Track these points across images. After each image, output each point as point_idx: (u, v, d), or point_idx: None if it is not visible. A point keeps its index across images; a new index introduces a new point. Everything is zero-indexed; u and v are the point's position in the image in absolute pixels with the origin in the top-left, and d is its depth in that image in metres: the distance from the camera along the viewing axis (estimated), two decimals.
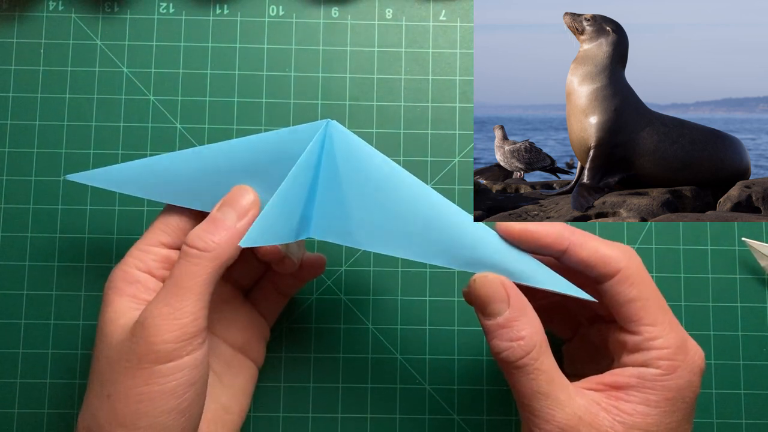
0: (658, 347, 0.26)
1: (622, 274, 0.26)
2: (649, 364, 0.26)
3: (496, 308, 0.26)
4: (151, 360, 0.25)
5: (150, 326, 0.26)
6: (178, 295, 0.26)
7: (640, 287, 0.26)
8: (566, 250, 0.27)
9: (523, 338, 0.26)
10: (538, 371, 0.25)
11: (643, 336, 0.26)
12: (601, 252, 0.27)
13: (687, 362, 0.26)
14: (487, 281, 0.26)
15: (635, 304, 0.26)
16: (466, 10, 0.41)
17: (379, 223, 0.28)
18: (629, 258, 0.27)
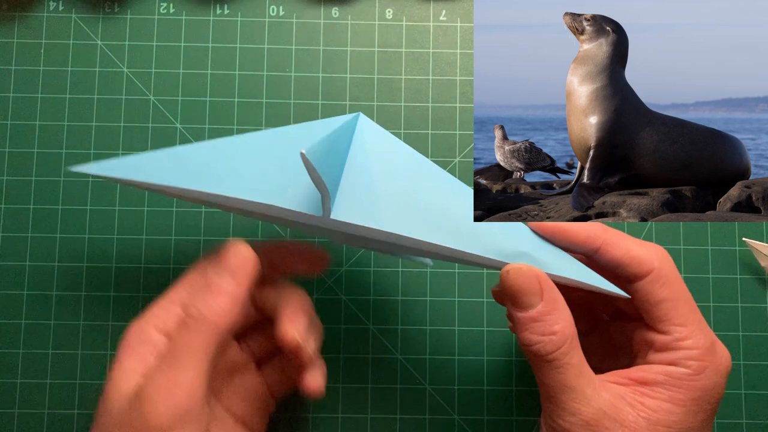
0: (688, 347, 0.26)
1: (654, 275, 0.26)
2: (678, 363, 0.26)
3: (530, 300, 0.26)
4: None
5: (146, 398, 0.24)
6: (174, 366, 0.25)
7: (671, 288, 0.26)
8: (599, 248, 0.27)
9: (556, 333, 0.25)
10: (568, 365, 0.25)
11: (672, 336, 0.26)
12: (633, 252, 0.27)
13: (715, 363, 0.26)
14: (522, 272, 0.26)
15: (666, 304, 0.26)
16: (466, 10, 0.41)
17: (408, 209, 0.26)
18: (662, 258, 0.27)
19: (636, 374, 0.27)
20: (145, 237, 0.38)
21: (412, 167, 0.27)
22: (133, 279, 0.38)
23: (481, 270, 0.38)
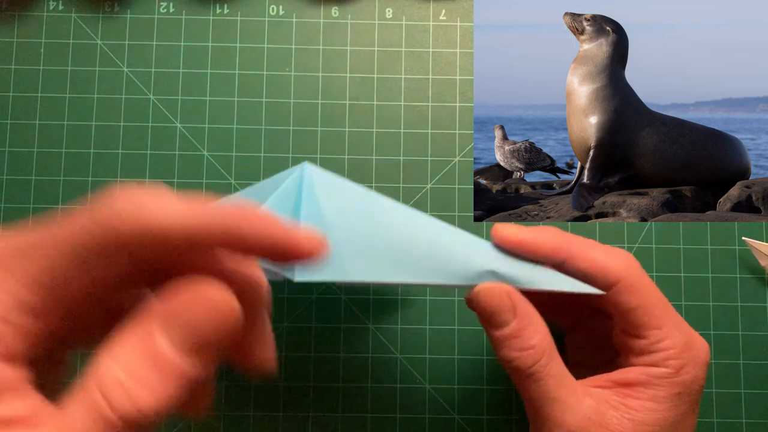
0: (666, 348, 0.26)
1: (622, 284, 0.27)
2: (658, 364, 0.26)
3: (503, 318, 0.26)
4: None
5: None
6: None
7: (641, 294, 0.27)
8: (564, 260, 0.27)
9: (534, 346, 0.26)
10: (548, 377, 0.26)
11: (649, 339, 0.27)
12: (599, 262, 0.27)
13: (693, 357, 0.27)
14: (492, 292, 0.26)
15: (639, 311, 0.27)
16: (466, 10, 0.41)
17: (370, 252, 0.26)
18: (628, 266, 0.27)
19: (618, 377, 0.27)
20: None
21: (366, 208, 0.27)
22: None
23: None
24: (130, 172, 0.38)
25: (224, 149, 0.39)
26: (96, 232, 0.16)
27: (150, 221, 0.16)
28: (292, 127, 0.39)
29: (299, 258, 0.18)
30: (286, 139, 0.39)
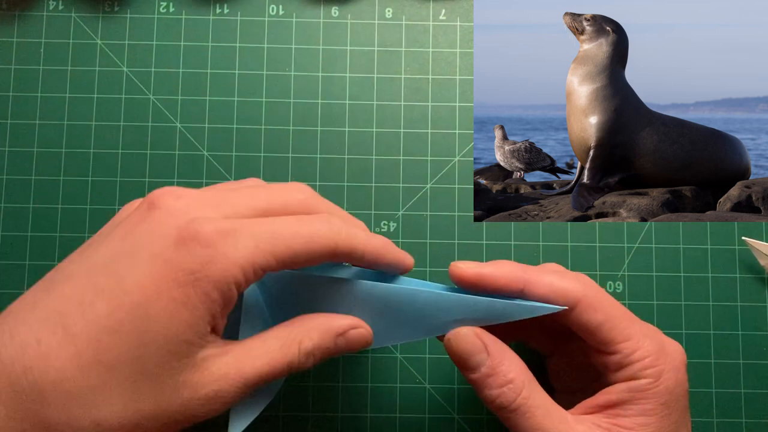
0: (640, 358, 0.26)
1: (582, 303, 0.27)
2: (637, 376, 0.26)
3: (477, 360, 0.27)
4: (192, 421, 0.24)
5: (223, 401, 0.24)
6: (251, 388, 0.24)
7: (604, 310, 0.27)
8: (522, 289, 0.27)
9: (512, 380, 0.26)
10: (534, 408, 0.26)
11: (622, 353, 0.26)
12: (556, 286, 0.27)
13: (669, 362, 0.26)
14: (461, 336, 0.27)
15: (605, 326, 0.27)
16: (466, 10, 0.41)
17: (383, 327, 0.28)
18: (585, 285, 0.27)
19: (602, 399, 0.27)
20: None
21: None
22: None
23: None
24: (130, 172, 0.39)
25: (224, 149, 0.39)
26: (323, 242, 0.24)
27: (355, 244, 0.25)
28: (292, 127, 0.39)
29: (407, 270, 0.29)
30: (286, 139, 0.39)
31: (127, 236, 0.23)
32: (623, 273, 0.38)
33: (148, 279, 0.22)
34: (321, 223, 0.25)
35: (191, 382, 0.23)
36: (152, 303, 0.22)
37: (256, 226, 0.23)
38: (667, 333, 0.38)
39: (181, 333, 0.22)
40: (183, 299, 0.22)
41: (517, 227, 0.39)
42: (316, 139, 0.39)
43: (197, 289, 0.22)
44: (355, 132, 0.39)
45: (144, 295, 0.22)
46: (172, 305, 0.22)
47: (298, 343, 0.25)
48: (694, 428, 0.37)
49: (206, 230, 0.22)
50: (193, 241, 0.22)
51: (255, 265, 0.23)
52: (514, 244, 0.38)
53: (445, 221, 0.39)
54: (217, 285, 0.22)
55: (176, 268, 0.22)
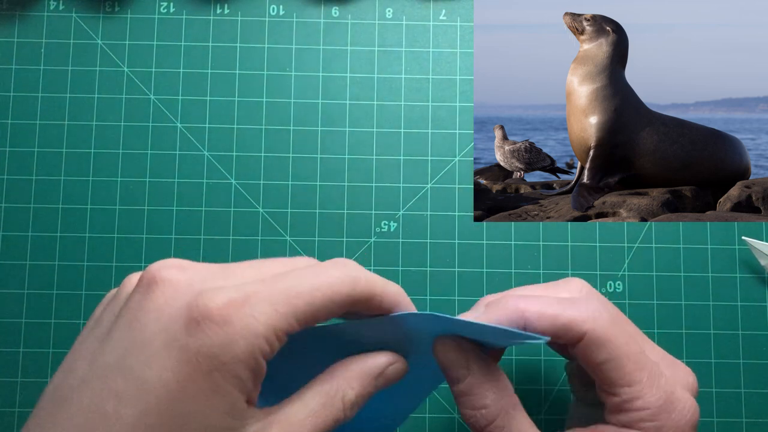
0: (638, 409, 0.24)
1: (587, 338, 0.24)
2: (632, 425, 0.24)
3: (457, 374, 0.25)
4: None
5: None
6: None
7: (609, 348, 0.24)
8: (525, 326, 0.25)
9: (486, 406, 0.25)
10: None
11: (621, 398, 0.24)
12: (560, 321, 0.25)
13: (673, 420, 0.24)
14: (447, 345, 0.26)
15: (607, 366, 0.24)
16: (466, 10, 0.41)
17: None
18: (594, 318, 0.25)
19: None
20: (146, 236, 0.38)
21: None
22: None
23: (480, 269, 0.38)
24: (130, 172, 0.39)
25: (224, 149, 0.39)
26: (344, 291, 0.22)
27: (375, 289, 0.24)
28: (292, 127, 0.39)
29: None
30: (286, 139, 0.39)
31: (133, 324, 0.21)
32: (623, 273, 0.38)
33: (169, 373, 0.20)
34: (337, 269, 0.23)
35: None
36: (180, 399, 0.20)
37: (271, 286, 0.21)
38: (668, 333, 0.38)
39: (218, 422, 0.20)
40: (212, 387, 0.20)
41: (517, 227, 0.39)
42: (317, 139, 0.39)
43: (225, 374, 0.20)
44: (355, 132, 0.39)
45: (169, 393, 0.20)
46: (203, 396, 0.20)
47: (341, 397, 0.23)
48: None
49: (218, 304, 0.20)
50: (207, 320, 0.20)
51: (278, 331, 0.21)
52: (514, 244, 0.38)
53: (445, 221, 0.39)
54: (244, 364, 0.20)
55: (196, 354, 0.20)
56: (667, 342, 0.38)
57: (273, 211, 0.39)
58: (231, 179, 0.39)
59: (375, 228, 0.39)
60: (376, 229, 0.39)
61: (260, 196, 0.39)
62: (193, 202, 0.38)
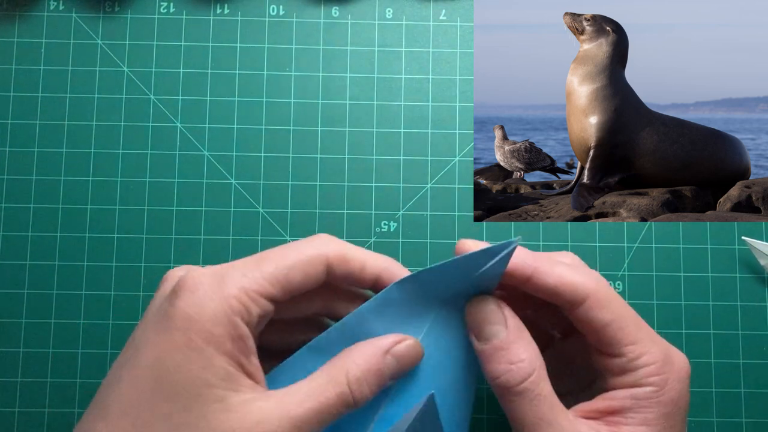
0: (645, 364, 0.25)
1: (591, 300, 0.25)
2: (640, 383, 0.25)
3: (494, 330, 0.25)
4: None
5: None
6: (307, 424, 0.23)
7: (612, 309, 0.26)
8: (530, 276, 0.26)
9: (523, 360, 0.25)
10: (539, 396, 0.24)
11: (627, 357, 0.25)
12: (567, 279, 0.26)
13: (674, 373, 0.25)
14: (484, 302, 0.26)
15: (612, 327, 0.25)
16: (466, 10, 0.41)
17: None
18: (596, 282, 0.26)
19: (602, 404, 0.26)
20: (146, 236, 0.38)
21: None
22: (133, 278, 0.38)
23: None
24: (130, 172, 0.39)
25: (224, 149, 0.39)
26: (314, 252, 0.25)
27: (348, 252, 0.26)
28: (292, 127, 0.39)
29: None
30: (286, 139, 0.39)
31: (146, 313, 0.25)
32: (623, 273, 0.38)
33: (155, 335, 0.23)
34: (309, 241, 0.26)
35: (231, 427, 0.22)
36: (164, 357, 0.23)
37: (246, 260, 0.25)
38: (667, 333, 0.38)
39: (196, 376, 0.22)
40: (187, 343, 0.23)
41: (517, 227, 0.39)
42: (317, 139, 0.39)
43: (198, 331, 0.23)
44: (355, 132, 0.39)
45: (155, 353, 0.23)
46: (180, 352, 0.23)
47: (345, 372, 0.24)
48: (695, 428, 0.37)
49: (195, 277, 0.24)
50: (182, 289, 0.23)
51: (249, 292, 0.24)
52: None
53: (445, 221, 0.39)
54: (215, 321, 0.23)
55: (174, 317, 0.23)
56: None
57: (273, 211, 0.39)
58: (231, 179, 0.39)
59: (375, 228, 0.39)
60: (376, 229, 0.39)
61: (260, 196, 0.39)
62: (193, 202, 0.38)
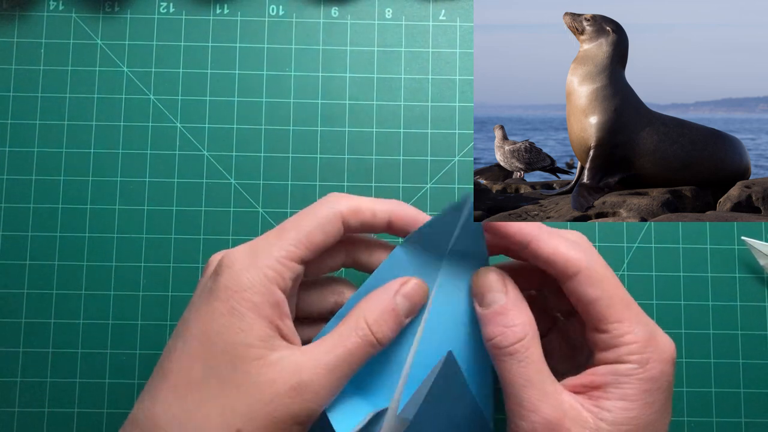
0: (628, 342, 0.26)
1: (583, 274, 0.27)
2: (622, 360, 0.26)
3: (494, 297, 0.28)
4: (299, 419, 0.26)
5: (309, 384, 0.26)
6: (338, 367, 0.27)
7: (602, 286, 0.27)
8: (529, 243, 0.28)
9: (517, 324, 0.27)
10: (528, 359, 0.26)
11: (611, 333, 0.27)
12: (561, 250, 0.27)
13: (657, 353, 0.26)
14: (488, 272, 0.29)
15: (600, 303, 0.27)
16: (465, 10, 0.41)
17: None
18: (590, 258, 0.27)
19: (586, 379, 0.27)
20: (145, 236, 0.38)
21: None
22: (133, 278, 0.38)
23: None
24: (130, 172, 0.39)
25: (224, 149, 0.39)
26: (327, 209, 0.28)
27: (358, 203, 0.29)
28: (292, 127, 0.39)
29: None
30: (286, 139, 0.39)
31: (192, 297, 0.29)
32: (623, 273, 0.38)
33: (201, 308, 0.27)
34: (322, 203, 0.29)
35: (271, 379, 0.26)
36: (209, 325, 0.26)
37: (269, 232, 0.28)
38: (667, 333, 0.38)
39: (239, 339, 0.26)
40: (230, 310, 0.26)
41: None
42: (316, 139, 0.39)
43: (238, 299, 0.26)
44: (355, 132, 0.39)
45: (202, 322, 0.26)
46: (223, 318, 0.26)
47: (364, 318, 0.28)
48: (695, 428, 0.37)
49: (231, 255, 0.27)
50: (223, 267, 0.27)
51: (280, 259, 0.27)
52: None
53: None
54: (254, 291, 0.26)
55: (217, 290, 0.27)
56: None
57: (273, 211, 0.39)
58: (231, 179, 0.39)
59: None
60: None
61: (260, 196, 0.39)
62: (193, 202, 0.38)
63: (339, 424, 0.27)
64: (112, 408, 0.37)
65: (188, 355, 0.26)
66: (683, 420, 0.37)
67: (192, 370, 0.26)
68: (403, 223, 0.30)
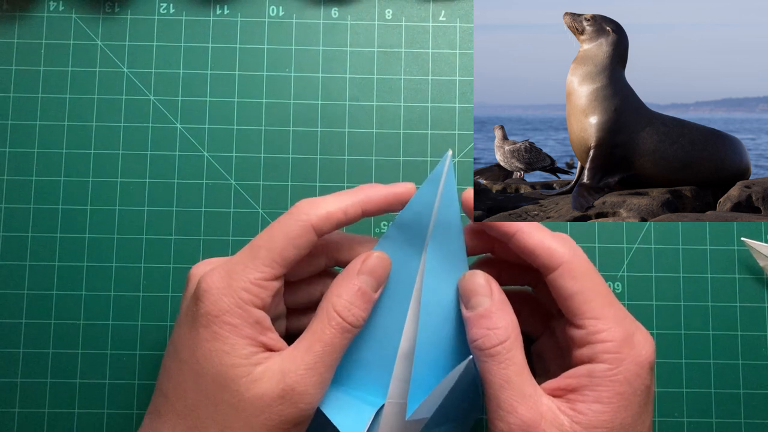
0: (602, 340, 0.26)
1: (564, 268, 0.27)
2: (596, 358, 0.26)
3: (480, 300, 0.28)
4: (294, 421, 0.27)
5: (295, 387, 0.27)
6: (320, 362, 0.27)
7: (582, 281, 0.27)
8: (514, 234, 0.28)
9: (500, 328, 0.27)
10: (509, 361, 0.27)
11: (587, 330, 0.27)
12: (546, 244, 0.28)
13: (633, 355, 0.26)
14: (474, 276, 0.29)
15: (578, 298, 0.27)
16: (466, 10, 0.41)
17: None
18: (573, 253, 0.28)
19: (563, 383, 0.27)
20: (145, 236, 0.38)
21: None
22: (133, 279, 0.38)
23: None
24: (130, 172, 0.39)
25: (224, 149, 0.39)
26: (305, 229, 0.28)
27: (328, 213, 0.28)
28: (292, 127, 0.39)
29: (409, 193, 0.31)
30: (286, 139, 0.39)
31: (179, 314, 0.30)
32: (623, 273, 0.38)
33: (187, 334, 0.28)
34: (290, 215, 0.29)
35: (260, 393, 0.26)
36: (196, 350, 0.27)
37: (242, 252, 0.29)
38: (667, 333, 0.38)
39: (225, 360, 0.27)
40: (213, 335, 0.27)
41: None
42: (316, 139, 0.39)
43: (219, 324, 0.27)
44: (355, 133, 0.39)
45: (189, 349, 0.27)
46: (208, 344, 0.27)
47: (332, 306, 0.28)
48: (695, 428, 0.37)
49: (208, 281, 0.28)
50: (201, 291, 0.27)
51: (253, 281, 0.27)
52: None
53: None
54: (232, 314, 0.27)
55: (199, 316, 0.27)
56: (666, 343, 0.38)
57: (273, 212, 0.39)
58: (231, 180, 0.39)
59: (375, 229, 0.39)
60: (376, 230, 0.39)
61: (260, 196, 0.39)
62: (193, 202, 0.38)
63: (347, 430, 0.28)
64: (112, 409, 0.37)
65: (183, 379, 0.27)
66: (683, 420, 0.37)
67: (187, 393, 0.27)
68: (376, 207, 0.30)
